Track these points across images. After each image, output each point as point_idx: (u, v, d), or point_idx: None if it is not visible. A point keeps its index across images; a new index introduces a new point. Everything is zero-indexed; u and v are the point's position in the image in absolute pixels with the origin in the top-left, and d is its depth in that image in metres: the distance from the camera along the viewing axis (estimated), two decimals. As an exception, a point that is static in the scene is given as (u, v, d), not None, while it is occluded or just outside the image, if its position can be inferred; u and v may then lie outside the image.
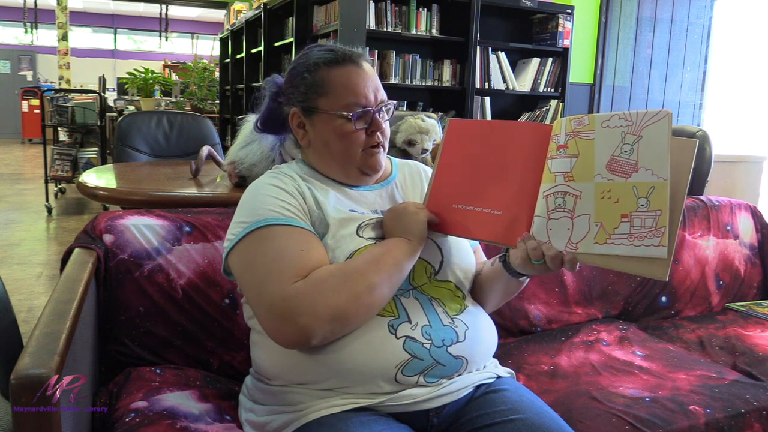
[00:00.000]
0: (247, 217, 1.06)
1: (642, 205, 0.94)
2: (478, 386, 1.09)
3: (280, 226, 1.04)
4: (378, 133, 1.15)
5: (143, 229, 1.37)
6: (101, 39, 13.92)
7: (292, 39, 4.12)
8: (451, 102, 4.08)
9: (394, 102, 1.19)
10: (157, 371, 1.28)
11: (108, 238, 1.33)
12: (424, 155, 1.96)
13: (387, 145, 1.20)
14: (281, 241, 1.02)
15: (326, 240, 1.08)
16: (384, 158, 1.19)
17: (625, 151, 0.96)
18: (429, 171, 1.30)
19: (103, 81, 7.58)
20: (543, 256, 0.99)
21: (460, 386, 1.06)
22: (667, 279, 0.92)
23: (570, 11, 4.19)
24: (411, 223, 1.08)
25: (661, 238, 0.92)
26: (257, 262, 1.01)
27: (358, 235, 1.09)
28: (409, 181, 1.27)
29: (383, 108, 1.15)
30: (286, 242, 1.02)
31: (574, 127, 1.02)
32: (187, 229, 1.41)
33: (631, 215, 0.94)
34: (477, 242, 1.29)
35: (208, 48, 11.50)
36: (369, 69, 1.16)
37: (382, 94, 1.16)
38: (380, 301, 1.01)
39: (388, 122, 1.18)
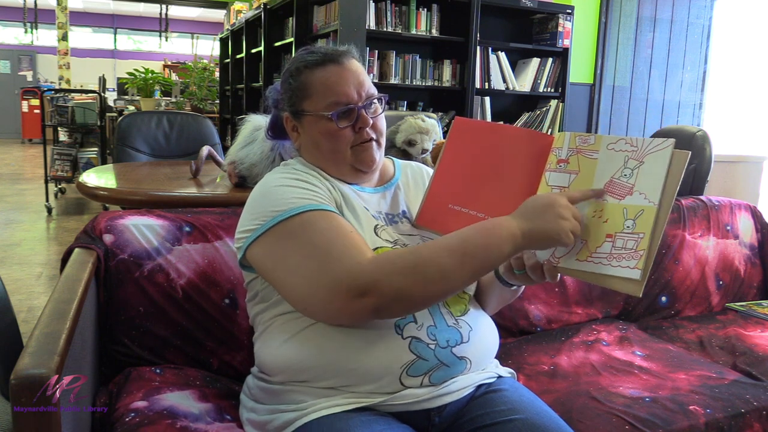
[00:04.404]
0: (278, 206, 1.04)
1: (628, 227, 0.95)
2: (479, 386, 1.10)
3: (320, 212, 1.03)
4: (366, 129, 1.13)
5: (143, 229, 1.37)
6: (101, 39, 13.92)
7: (292, 39, 4.12)
8: (451, 102, 4.08)
9: (384, 95, 1.17)
10: (157, 371, 1.28)
11: (108, 238, 1.33)
12: (424, 155, 1.96)
13: (383, 141, 1.18)
14: (330, 222, 1.02)
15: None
16: (377, 153, 1.16)
17: (625, 175, 0.98)
18: (431, 173, 1.29)
19: (103, 81, 7.58)
20: (524, 266, 0.99)
21: (461, 386, 1.06)
22: (641, 295, 0.94)
23: (570, 11, 4.19)
24: (551, 222, 0.95)
25: (638, 261, 0.93)
26: (309, 245, 0.99)
27: (377, 234, 1.10)
28: (412, 183, 1.27)
29: (371, 103, 1.14)
30: (335, 224, 1.02)
31: (578, 144, 1.02)
32: (187, 229, 1.41)
33: (615, 235, 0.96)
34: None
35: (208, 48, 11.50)
36: (353, 66, 1.14)
37: (369, 90, 1.14)
38: (452, 290, 1.00)
39: (381, 117, 1.16)
